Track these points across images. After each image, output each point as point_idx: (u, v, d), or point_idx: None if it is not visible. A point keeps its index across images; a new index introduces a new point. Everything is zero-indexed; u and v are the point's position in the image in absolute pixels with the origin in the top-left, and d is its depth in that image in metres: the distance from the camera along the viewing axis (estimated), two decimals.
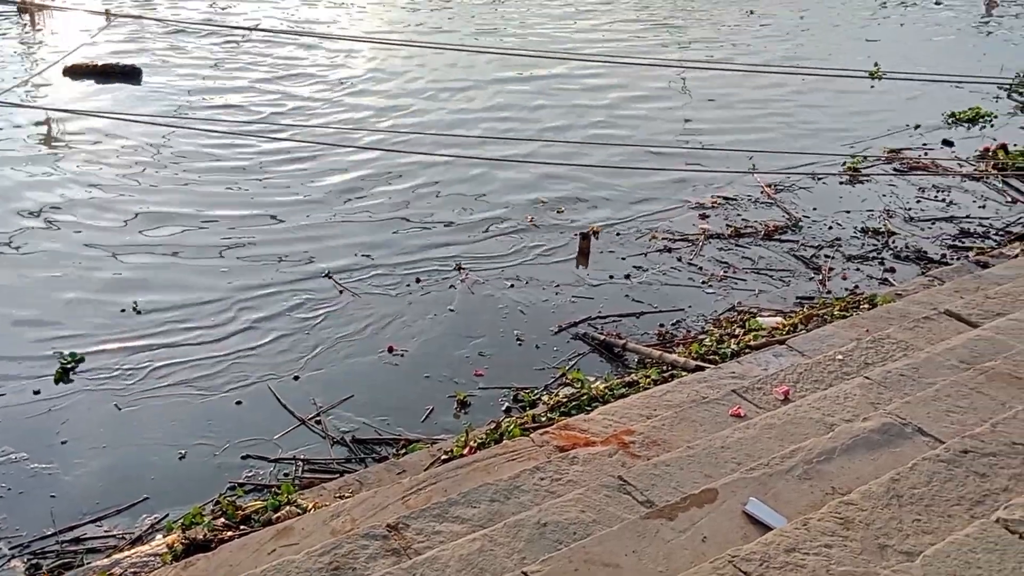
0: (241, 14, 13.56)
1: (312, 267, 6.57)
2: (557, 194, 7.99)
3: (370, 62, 11.56)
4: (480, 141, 8.85)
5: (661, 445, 3.91)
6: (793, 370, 4.55)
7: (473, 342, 5.76)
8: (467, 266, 6.67)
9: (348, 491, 4.12)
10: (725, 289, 6.54)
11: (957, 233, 7.47)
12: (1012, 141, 9.37)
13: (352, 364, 5.51)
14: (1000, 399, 3.73)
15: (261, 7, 14.03)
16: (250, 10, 13.81)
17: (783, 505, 3.09)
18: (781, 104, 10.61)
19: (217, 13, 13.50)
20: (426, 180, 8.13)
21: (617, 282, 6.62)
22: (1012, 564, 2.49)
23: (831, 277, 6.72)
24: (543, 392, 5.22)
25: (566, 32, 13.48)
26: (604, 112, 10.16)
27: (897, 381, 4.13)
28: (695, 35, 13.70)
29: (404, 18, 13.98)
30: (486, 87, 10.81)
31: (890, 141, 9.47)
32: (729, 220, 7.61)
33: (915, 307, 5.40)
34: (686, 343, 5.68)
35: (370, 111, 9.86)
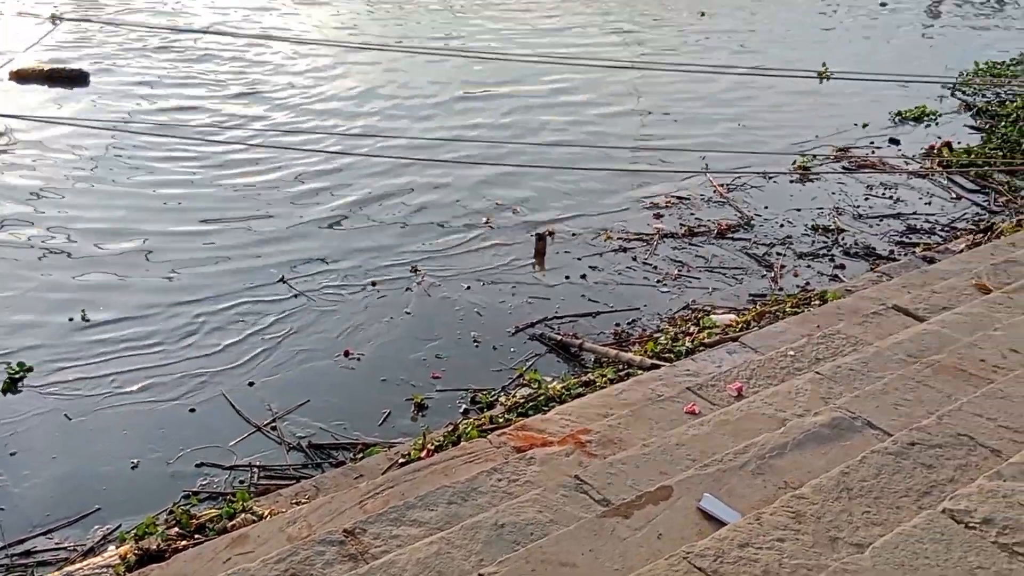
0: (194, 16, 13.39)
1: (266, 272, 6.50)
2: (513, 195, 8.01)
3: (324, 65, 11.47)
4: (436, 143, 8.83)
5: (617, 444, 3.93)
6: (746, 366, 4.61)
7: (430, 344, 5.75)
8: (423, 268, 6.66)
9: (304, 497, 4.09)
10: (679, 288, 6.61)
11: (904, 229, 7.63)
12: (956, 139, 9.59)
13: (308, 369, 5.47)
14: (946, 391, 3.81)
15: (213, 10, 13.86)
16: (202, 13, 13.64)
17: (737, 500, 3.13)
18: (732, 104, 10.73)
19: (168, 16, 13.31)
20: (381, 183, 8.09)
21: (573, 282, 6.65)
22: (958, 553, 2.55)
23: (783, 274, 6.81)
24: (500, 393, 5.22)
25: (519, 34, 13.50)
26: (558, 113, 10.21)
27: (847, 376, 4.20)
28: (647, 37, 13.81)
29: (361, 23, 13.90)
30: (441, 90, 10.80)
31: (839, 140, 9.64)
32: (683, 219, 7.68)
33: (864, 302, 5.50)
34: (642, 342, 5.73)
35: (324, 114, 9.79)
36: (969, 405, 3.52)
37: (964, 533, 2.63)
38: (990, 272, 5.56)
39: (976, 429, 3.36)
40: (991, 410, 3.48)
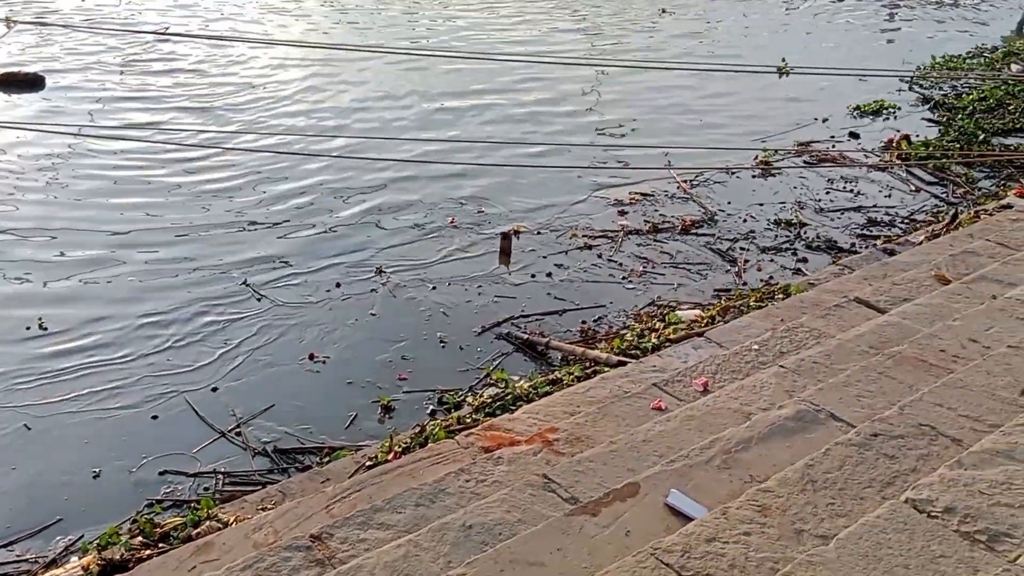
0: (152, 20, 13.20)
1: (229, 276, 6.43)
2: (477, 194, 7.99)
3: (283, 66, 11.36)
4: (398, 143, 8.79)
5: (585, 441, 3.94)
6: (712, 361, 4.64)
7: (396, 346, 5.72)
8: (388, 269, 6.62)
9: (270, 503, 4.05)
10: (645, 284, 6.63)
11: (865, 222, 7.71)
12: (914, 132, 9.72)
13: (272, 373, 5.41)
14: (907, 382, 3.86)
15: (173, 12, 13.68)
16: (161, 15, 13.45)
17: (703, 495, 3.15)
18: (694, 101, 10.79)
19: (126, 18, 13.11)
20: (344, 184, 8.04)
21: (539, 280, 6.65)
22: (921, 543, 2.58)
23: (747, 269, 6.86)
24: (468, 393, 5.21)
25: (481, 33, 13.47)
26: (522, 111, 10.19)
27: (810, 368, 4.24)
28: (609, 33, 13.84)
29: (320, 22, 13.79)
30: (403, 89, 10.74)
31: (799, 134, 9.73)
32: (647, 216, 7.71)
33: (827, 295, 5.55)
34: (608, 339, 5.74)
35: (285, 116, 9.70)
36: (930, 395, 3.57)
37: (926, 522, 2.66)
38: (949, 263, 5.64)
39: (937, 419, 3.40)
40: (951, 400, 3.53)
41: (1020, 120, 10.08)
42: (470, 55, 10.96)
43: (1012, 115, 10.20)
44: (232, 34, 12.42)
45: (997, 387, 3.64)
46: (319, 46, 10.96)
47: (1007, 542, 2.60)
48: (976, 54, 13.21)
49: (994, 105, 10.52)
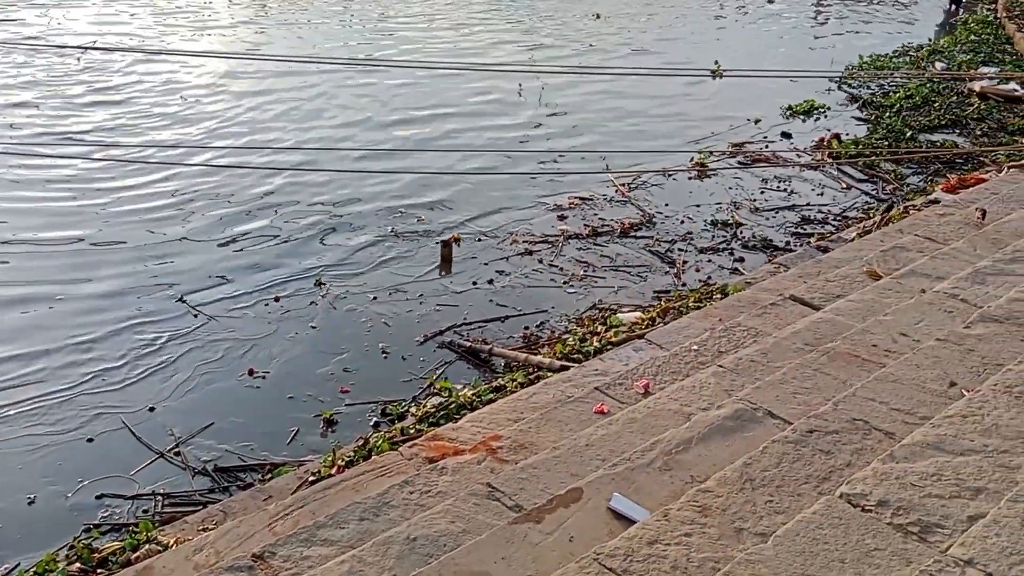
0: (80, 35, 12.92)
1: (163, 292, 6.31)
2: (416, 203, 7.96)
3: (216, 80, 11.20)
4: (334, 153, 8.73)
5: (528, 448, 3.94)
6: (652, 363, 4.68)
7: (337, 358, 5.66)
8: (327, 281, 6.56)
9: (212, 523, 3.97)
10: (586, 288, 6.67)
11: (799, 220, 7.86)
12: (844, 130, 9.95)
13: (211, 390, 5.32)
14: (841, 378, 3.94)
15: (98, 25, 13.40)
16: (85, 27, 13.17)
17: (645, 498, 3.17)
18: (630, 105, 10.89)
19: (49, 31, 12.81)
20: (280, 195, 7.95)
21: (481, 287, 6.65)
22: (856, 537, 2.63)
23: (685, 270, 6.95)
24: (411, 404, 5.18)
25: (418, 42, 13.44)
26: (458, 119, 10.19)
27: (748, 367, 4.30)
28: (544, 40, 13.91)
29: (251, 31, 13.63)
30: (336, 98, 10.67)
31: (733, 136, 9.87)
32: (586, 220, 7.76)
33: (763, 294, 5.64)
34: (551, 344, 5.75)
35: (218, 129, 9.55)
36: (863, 390, 3.65)
37: (860, 516, 2.72)
38: (880, 259, 5.78)
39: (870, 413, 3.48)
40: (883, 394, 3.62)
41: (945, 117, 10.38)
42: (407, 65, 10.93)
43: (937, 112, 10.50)
44: (166, 46, 12.22)
45: (927, 380, 3.73)
46: (254, 57, 10.84)
47: (939, 533, 2.67)
48: (902, 53, 13.57)
49: (920, 103, 10.82)
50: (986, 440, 3.14)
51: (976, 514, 2.73)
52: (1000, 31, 14.68)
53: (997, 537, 2.57)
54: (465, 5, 15.95)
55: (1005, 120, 10.28)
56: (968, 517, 2.72)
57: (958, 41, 13.98)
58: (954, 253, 5.62)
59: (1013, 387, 3.48)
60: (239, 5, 15.03)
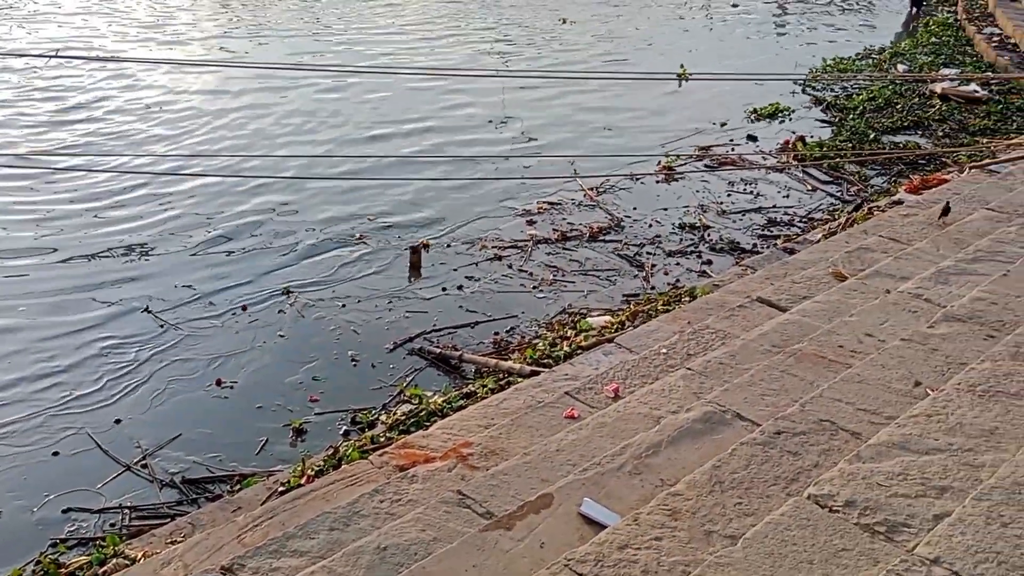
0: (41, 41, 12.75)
1: (129, 303, 6.23)
2: (384, 209, 7.93)
3: (180, 86, 11.10)
4: (302, 160, 8.68)
5: (499, 454, 3.93)
6: (622, 367, 4.69)
7: (306, 367, 5.62)
8: (295, 289, 6.51)
9: (180, 536, 3.93)
10: (556, 292, 6.67)
11: (765, 222, 7.93)
12: (808, 133, 10.05)
13: (178, 401, 5.26)
14: (808, 379, 3.98)
15: (62, 32, 13.24)
16: (50, 36, 13.01)
17: (616, 502, 3.18)
18: (597, 109, 10.94)
19: (9, 40, 12.63)
20: (247, 204, 7.89)
21: (450, 293, 6.63)
22: (824, 537, 2.66)
23: (654, 273, 6.98)
24: (381, 411, 5.15)
25: (388, 47, 13.41)
26: (426, 124, 10.18)
27: (717, 369, 4.33)
28: (512, 45, 13.93)
29: (218, 39, 13.53)
30: (305, 105, 10.62)
31: (700, 139, 9.95)
32: (555, 224, 7.78)
33: (731, 296, 5.68)
34: (521, 349, 5.75)
35: (183, 137, 9.48)
36: (829, 391, 3.68)
37: (828, 517, 2.74)
38: (845, 260, 5.84)
39: (837, 414, 3.51)
40: (849, 394, 3.65)
41: (907, 118, 10.52)
42: (376, 70, 10.90)
43: (900, 114, 10.64)
44: (133, 54, 12.10)
45: (892, 380, 3.78)
46: (221, 64, 10.76)
47: (905, 532, 2.70)
48: (864, 55, 13.74)
49: (883, 105, 10.96)
50: (951, 439, 3.18)
51: (942, 513, 2.76)
52: (960, 33, 14.92)
53: (962, 536, 2.60)
54: (433, 11, 15.94)
55: (966, 121, 10.44)
56: (934, 516, 2.76)
57: (919, 43, 14.19)
58: (918, 253, 5.69)
59: (976, 386, 3.53)
60: (210, 20, 14.91)
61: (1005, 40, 13.97)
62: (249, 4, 15.54)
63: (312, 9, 15.46)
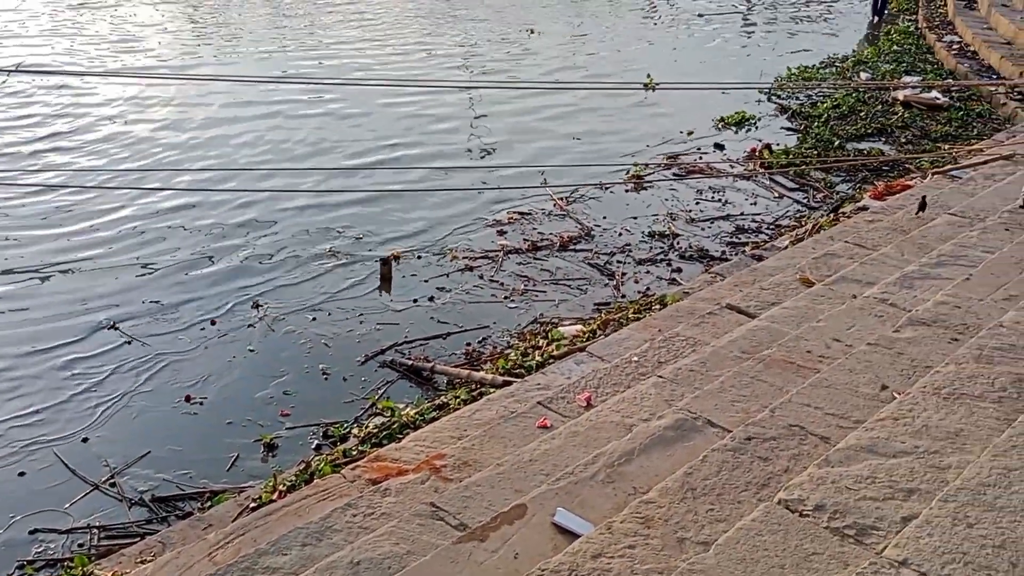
0: None
1: (94, 318, 6.16)
2: (354, 221, 7.91)
3: (143, 99, 11.01)
4: (271, 172, 8.64)
5: (472, 465, 3.93)
6: (594, 376, 4.70)
7: (276, 381, 5.58)
8: (265, 303, 6.47)
9: (150, 555, 3.88)
10: (527, 302, 6.69)
11: (734, 230, 8.00)
12: (774, 140, 10.16)
13: (147, 418, 5.20)
14: (777, 384, 4.01)
15: (24, 45, 13.10)
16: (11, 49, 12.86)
17: (589, 511, 3.18)
18: (566, 119, 10.99)
19: None
20: (214, 217, 7.83)
21: (422, 305, 6.62)
22: (795, 542, 2.68)
23: (624, 282, 7.01)
24: (353, 425, 5.13)
25: (352, 58, 13.40)
26: (395, 136, 10.17)
27: (687, 377, 4.35)
28: (480, 56, 13.97)
29: (185, 50, 13.43)
30: (273, 119, 10.57)
31: (668, 148, 10.02)
32: (526, 234, 7.79)
33: (701, 304, 5.72)
34: (493, 359, 5.75)
35: (147, 149, 9.39)
36: (798, 396, 3.72)
37: (799, 522, 2.77)
38: (812, 266, 5.91)
39: (806, 418, 3.55)
40: (818, 399, 3.69)
41: (871, 125, 10.67)
42: (342, 81, 10.88)
43: (864, 121, 10.78)
44: (96, 67, 11.98)
45: (859, 384, 3.82)
46: (188, 78, 10.69)
47: (874, 534, 2.73)
48: (828, 64, 13.92)
49: (847, 112, 11.10)
50: (917, 441, 3.22)
51: (909, 515, 2.79)
52: (921, 41, 15.16)
53: (930, 537, 2.63)
54: (401, 21, 15.95)
55: (928, 127, 10.60)
56: (902, 518, 2.79)
57: (881, 51, 14.40)
58: (883, 259, 5.77)
59: (941, 388, 3.58)
60: (173, 32, 14.81)
61: (965, 48, 14.22)
62: (218, 18, 15.46)
63: (281, 24, 15.39)
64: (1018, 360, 3.83)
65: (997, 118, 10.96)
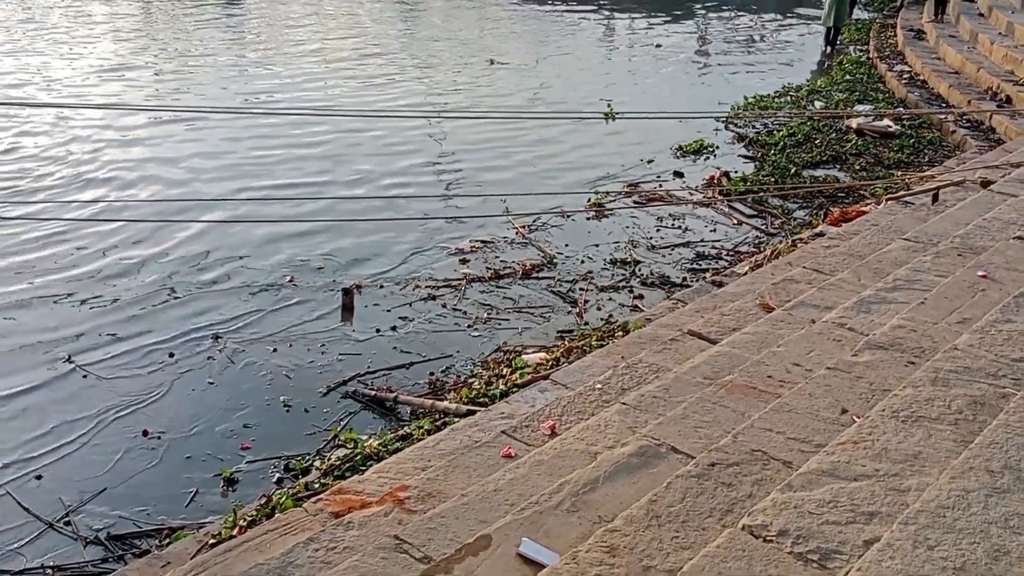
0: None
1: (49, 353, 6.05)
2: (315, 251, 7.86)
3: (103, 127, 10.88)
4: (228, 202, 8.56)
5: (437, 496, 3.89)
6: (558, 404, 4.70)
7: (237, 414, 5.51)
8: (225, 335, 6.39)
9: None
10: (490, 330, 6.68)
11: (694, 256, 8.08)
12: (732, 168, 10.31)
13: (103, 454, 5.09)
14: (739, 410, 4.03)
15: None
16: None
17: (554, 540, 3.16)
18: (527, 148, 11.06)
19: None
20: (172, 247, 7.73)
21: (384, 335, 6.59)
22: (759, 567, 2.68)
23: (587, 309, 7.03)
24: (316, 457, 5.07)
25: (312, 88, 13.38)
26: (356, 165, 10.16)
27: (651, 403, 4.36)
28: (441, 86, 14.01)
29: (145, 79, 13.33)
30: (233, 147, 10.51)
31: (628, 176, 10.12)
32: (488, 263, 7.80)
33: (663, 330, 5.75)
34: (457, 389, 5.73)
35: (103, 179, 9.28)
36: (760, 421, 3.74)
37: (763, 547, 2.77)
38: (771, 291, 5.97)
39: (768, 444, 3.57)
40: (780, 424, 3.71)
41: (826, 153, 10.87)
42: (303, 111, 10.86)
43: (819, 149, 10.99)
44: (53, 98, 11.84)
45: (820, 408, 3.86)
46: (151, 108, 10.60)
47: (837, 559, 2.74)
48: (783, 93, 14.19)
49: (802, 140, 11.31)
50: (877, 464, 3.25)
51: (871, 538, 2.81)
52: (872, 71, 15.52)
53: (891, 560, 2.65)
54: (361, 49, 15.97)
55: (881, 155, 10.83)
56: (864, 541, 2.81)
57: (834, 81, 14.71)
58: (840, 283, 5.85)
59: (899, 411, 3.63)
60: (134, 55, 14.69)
61: (914, 77, 14.58)
62: (177, 47, 15.36)
63: (242, 55, 15.32)
64: (973, 382, 3.89)
65: (947, 145, 11.24)
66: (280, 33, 16.55)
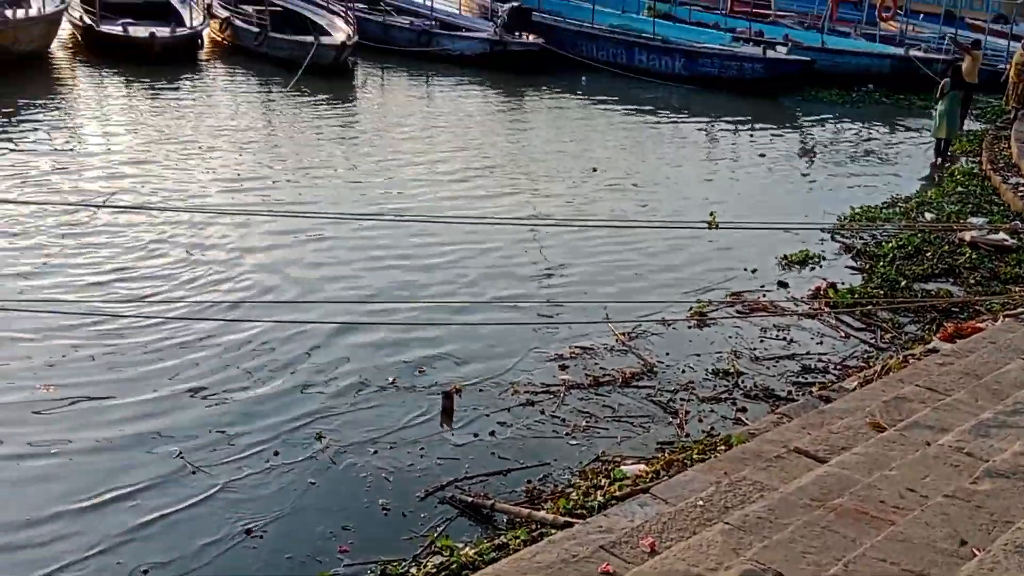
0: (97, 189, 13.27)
1: (161, 448, 6.26)
2: (416, 354, 7.98)
3: (214, 231, 11.34)
4: (335, 306, 8.81)
5: None
6: (658, 520, 4.61)
7: (337, 515, 5.57)
8: (328, 435, 6.52)
9: None
10: (588, 439, 6.63)
11: (799, 369, 7.89)
12: (839, 280, 10.11)
13: (206, 551, 5.19)
14: (850, 536, 3.88)
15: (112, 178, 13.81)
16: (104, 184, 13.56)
17: None
18: (629, 256, 11.09)
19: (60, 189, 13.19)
20: (275, 349, 7.91)
21: (482, 439, 6.61)
22: None
23: (688, 420, 6.92)
24: (412, 564, 5.06)
25: (416, 195, 13.78)
26: (458, 271, 10.33)
27: (755, 524, 4.23)
28: (542, 192, 14.28)
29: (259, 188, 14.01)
30: (339, 253, 10.81)
31: (731, 285, 10.03)
32: (588, 370, 7.79)
33: (767, 446, 5.61)
34: (554, 498, 5.68)
35: (213, 280, 9.61)
36: (872, 550, 3.58)
37: None
38: (882, 409, 5.77)
39: (882, 574, 3.40)
40: (894, 554, 3.55)
41: (938, 266, 10.57)
42: (402, 218, 11.21)
43: (930, 261, 10.70)
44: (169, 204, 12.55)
45: (937, 539, 3.67)
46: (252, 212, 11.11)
47: None
48: (891, 204, 13.94)
49: (912, 252, 11.03)
50: None
51: None
52: (986, 183, 15.14)
53: None
54: (466, 160, 16.47)
55: (997, 269, 10.48)
56: None
57: (946, 193, 14.40)
58: (956, 404, 5.62)
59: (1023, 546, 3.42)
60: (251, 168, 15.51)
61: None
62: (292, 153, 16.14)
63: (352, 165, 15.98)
64: None
65: None
66: (395, 145, 17.21)
